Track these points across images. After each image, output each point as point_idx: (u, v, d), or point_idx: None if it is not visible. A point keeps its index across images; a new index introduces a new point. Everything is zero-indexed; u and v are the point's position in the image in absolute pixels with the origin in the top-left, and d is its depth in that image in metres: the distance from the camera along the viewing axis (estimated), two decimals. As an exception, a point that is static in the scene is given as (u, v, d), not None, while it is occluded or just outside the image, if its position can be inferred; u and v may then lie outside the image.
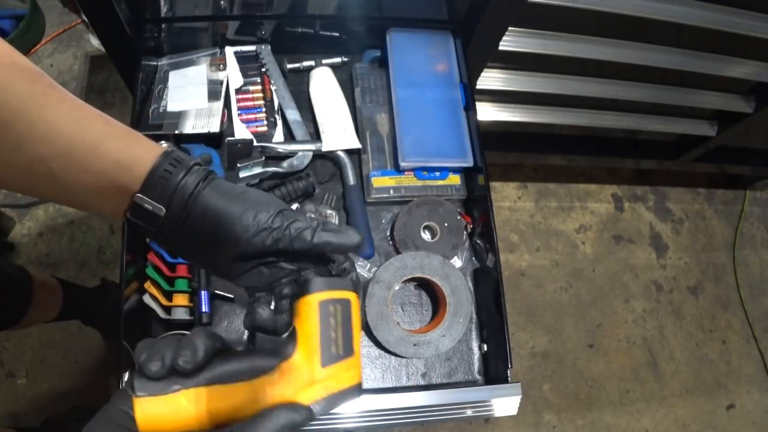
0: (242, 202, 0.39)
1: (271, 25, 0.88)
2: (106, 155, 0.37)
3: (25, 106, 0.34)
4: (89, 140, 0.36)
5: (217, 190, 0.39)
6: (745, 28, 1.00)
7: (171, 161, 0.38)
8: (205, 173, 0.40)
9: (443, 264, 0.78)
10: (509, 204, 1.62)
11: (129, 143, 0.38)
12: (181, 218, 0.39)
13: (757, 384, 1.61)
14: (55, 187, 0.37)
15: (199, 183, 0.39)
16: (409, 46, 0.91)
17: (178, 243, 0.41)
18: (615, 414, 1.48)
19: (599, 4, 0.93)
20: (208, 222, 0.39)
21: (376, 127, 0.88)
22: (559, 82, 1.15)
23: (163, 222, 0.39)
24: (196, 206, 0.39)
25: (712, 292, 1.67)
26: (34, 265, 1.32)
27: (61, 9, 1.52)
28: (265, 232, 0.39)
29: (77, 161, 0.36)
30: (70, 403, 1.21)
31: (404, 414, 0.68)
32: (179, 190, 0.38)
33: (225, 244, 0.39)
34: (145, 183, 0.38)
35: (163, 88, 0.84)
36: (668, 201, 1.74)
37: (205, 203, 0.39)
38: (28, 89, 0.34)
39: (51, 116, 0.35)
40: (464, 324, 0.77)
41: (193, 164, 0.39)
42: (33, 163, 0.35)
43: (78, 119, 0.37)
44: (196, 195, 0.38)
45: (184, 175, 0.38)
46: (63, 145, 0.35)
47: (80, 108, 0.37)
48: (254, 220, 0.39)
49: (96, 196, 0.38)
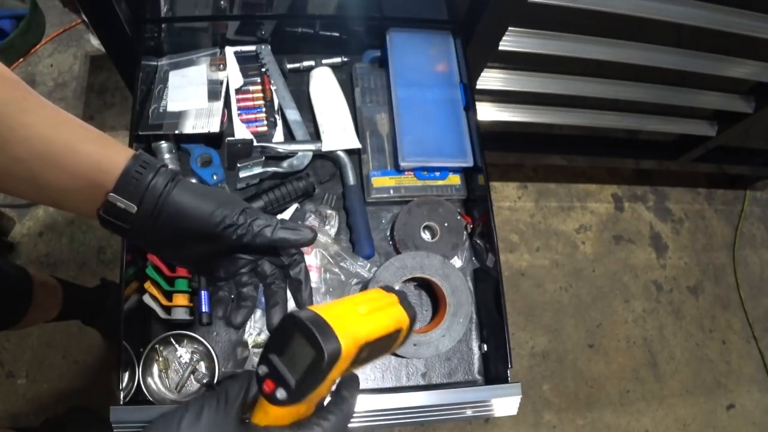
0: (210, 201, 0.43)
1: (271, 25, 0.88)
2: (82, 157, 0.40)
3: (6, 110, 0.37)
4: (67, 143, 0.39)
5: (186, 189, 0.43)
6: (745, 28, 1.00)
7: (141, 163, 0.42)
8: (172, 174, 0.43)
9: (443, 264, 0.78)
10: (509, 204, 1.62)
11: (103, 147, 0.41)
12: (152, 215, 0.42)
13: (757, 384, 1.61)
14: (33, 187, 0.40)
15: (168, 183, 0.42)
16: (409, 46, 0.91)
17: (150, 238, 0.44)
18: (615, 414, 1.48)
19: (599, 4, 0.93)
20: (175, 219, 0.42)
21: (376, 127, 0.88)
22: (559, 82, 1.15)
23: (135, 218, 0.42)
24: (167, 204, 0.42)
25: (712, 292, 1.67)
26: (34, 265, 1.32)
27: (61, 9, 1.52)
28: (231, 228, 0.43)
29: (55, 163, 0.39)
30: (70, 403, 1.21)
31: (404, 414, 0.68)
32: (150, 189, 0.41)
33: (195, 239, 0.44)
34: (118, 183, 0.41)
35: (163, 88, 0.84)
36: (668, 201, 1.74)
37: (177, 202, 0.42)
38: (8, 95, 0.37)
39: (30, 120, 0.38)
40: (464, 324, 0.77)
41: (160, 166, 0.43)
42: (13, 163, 0.38)
43: (56, 123, 0.40)
44: (166, 194, 0.42)
45: (154, 176, 0.42)
46: (42, 148, 0.38)
47: (58, 113, 0.40)
48: (222, 218, 0.43)
49: (72, 195, 0.41)
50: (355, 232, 0.81)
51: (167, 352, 0.74)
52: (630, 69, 1.10)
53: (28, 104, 0.38)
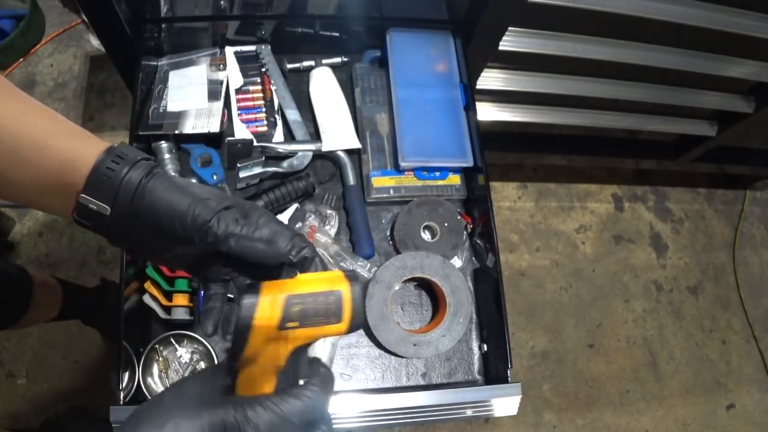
0: (186, 197, 0.38)
1: (271, 25, 0.88)
2: (52, 154, 0.36)
3: None
4: (35, 138, 0.36)
5: (162, 183, 0.38)
6: (745, 28, 1.00)
7: (113, 158, 0.37)
8: (149, 167, 0.38)
9: (443, 264, 0.78)
10: (509, 204, 1.62)
11: (75, 141, 0.37)
12: (128, 215, 0.37)
13: (757, 384, 1.61)
14: (5, 185, 0.37)
15: (143, 178, 0.37)
16: (409, 46, 0.91)
17: (130, 240, 0.40)
18: (615, 414, 1.48)
19: (599, 4, 0.93)
20: (155, 216, 0.38)
21: (376, 127, 0.88)
22: (559, 82, 1.15)
23: (110, 221, 0.37)
24: (142, 201, 0.37)
25: (712, 292, 1.67)
26: (34, 265, 1.32)
27: (61, 9, 1.52)
28: (203, 231, 0.38)
29: (23, 159, 0.36)
30: (70, 403, 1.21)
31: (404, 414, 0.68)
32: (123, 185, 0.37)
33: (172, 240, 0.39)
34: (88, 182, 0.37)
35: (163, 88, 0.84)
36: (668, 201, 1.74)
37: (151, 197, 0.37)
38: None
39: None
40: (464, 324, 0.77)
41: (139, 159, 0.38)
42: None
43: (24, 115, 0.36)
44: (141, 189, 0.37)
45: (128, 171, 0.37)
46: (9, 143, 0.35)
47: (30, 105, 0.37)
48: (194, 217, 0.37)
49: (43, 194, 0.38)
50: (355, 232, 0.81)
51: (167, 352, 0.74)
52: (630, 69, 1.10)
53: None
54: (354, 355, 0.77)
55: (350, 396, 0.69)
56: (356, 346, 0.78)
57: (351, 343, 0.78)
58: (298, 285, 0.39)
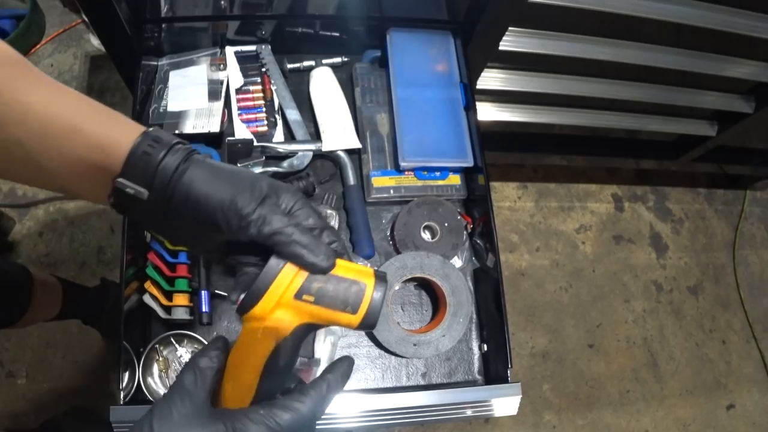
0: (224, 185, 0.37)
1: (271, 25, 0.88)
2: (83, 138, 0.36)
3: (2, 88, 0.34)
4: (66, 122, 0.36)
5: (199, 170, 0.37)
6: (745, 28, 1.00)
7: (150, 141, 0.37)
8: (186, 152, 0.38)
9: (443, 264, 0.78)
10: (509, 204, 1.62)
11: (108, 125, 0.37)
12: (164, 200, 0.37)
13: (757, 384, 1.61)
14: (34, 171, 0.37)
15: (180, 163, 0.37)
16: (409, 46, 0.91)
17: (164, 226, 0.40)
18: (615, 414, 1.48)
19: (599, 4, 0.93)
20: (190, 205, 0.37)
21: (376, 127, 0.88)
22: (559, 82, 1.15)
23: (147, 206, 0.37)
24: (178, 189, 0.37)
25: (712, 292, 1.67)
26: (34, 265, 1.32)
27: (61, 9, 1.52)
28: (244, 224, 0.37)
29: (54, 144, 0.35)
30: (70, 403, 1.21)
31: (404, 414, 0.68)
32: (160, 170, 0.36)
33: (210, 231, 0.38)
34: (126, 166, 0.36)
35: (163, 88, 0.84)
36: (668, 201, 1.74)
37: (188, 187, 0.37)
38: (5, 72, 0.34)
39: (26, 98, 0.35)
40: (464, 324, 0.77)
41: (174, 143, 0.38)
42: (12, 146, 0.35)
43: (56, 100, 0.36)
44: (178, 177, 0.37)
45: (165, 155, 0.36)
46: (39, 128, 0.35)
47: (60, 89, 0.37)
48: (236, 210, 0.37)
49: (76, 179, 0.37)
50: (356, 232, 0.81)
51: (167, 352, 0.74)
52: (630, 69, 1.10)
53: (25, 82, 0.35)
54: (354, 355, 0.77)
55: (350, 396, 0.69)
56: (356, 346, 0.78)
57: (351, 343, 0.78)
58: None
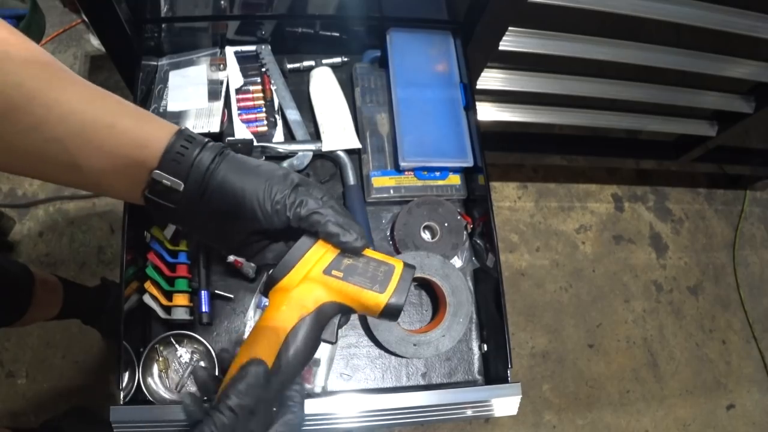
0: (257, 176, 0.40)
1: (271, 25, 0.88)
2: (120, 133, 0.38)
3: (40, 88, 0.35)
4: (104, 119, 0.37)
5: (232, 164, 0.40)
6: (745, 28, 1.00)
7: (185, 138, 0.39)
8: (220, 149, 0.40)
9: (443, 264, 0.78)
10: (509, 204, 1.62)
11: (143, 122, 0.39)
12: (197, 194, 0.39)
13: (757, 384, 1.61)
14: (71, 169, 0.38)
15: (215, 158, 0.39)
16: (409, 46, 0.91)
17: (195, 219, 0.41)
18: (615, 414, 1.48)
19: (599, 4, 0.93)
20: (224, 197, 0.39)
21: (376, 127, 0.88)
22: (559, 82, 1.15)
23: (181, 198, 0.39)
24: (212, 181, 0.39)
25: (712, 292, 1.67)
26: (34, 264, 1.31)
27: (61, 9, 1.52)
28: (280, 207, 0.39)
29: (92, 140, 0.37)
30: (70, 403, 1.21)
31: (404, 414, 0.68)
32: (195, 165, 0.39)
33: (241, 220, 0.40)
34: (162, 160, 0.38)
35: (163, 88, 0.84)
36: (668, 201, 1.74)
37: (222, 178, 0.39)
38: (42, 73, 0.35)
39: (65, 97, 0.36)
40: (464, 324, 0.77)
41: (207, 141, 0.40)
42: (49, 144, 0.36)
43: (92, 99, 0.37)
44: (213, 170, 0.39)
45: (200, 152, 0.39)
46: (78, 125, 0.36)
47: (94, 89, 0.38)
48: (270, 196, 0.39)
49: (111, 176, 0.39)
50: (355, 232, 0.81)
51: (167, 352, 0.74)
52: (630, 69, 1.10)
53: (62, 82, 0.36)
54: (354, 355, 0.77)
55: (350, 396, 0.69)
56: (356, 346, 0.78)
57: (351, 344, 0.78)
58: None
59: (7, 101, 0.34)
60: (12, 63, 0.34)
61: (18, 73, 0.34)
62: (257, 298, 0.76)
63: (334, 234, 0.40)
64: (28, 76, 0.34)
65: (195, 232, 0.45)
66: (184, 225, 0.43)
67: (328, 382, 0.74)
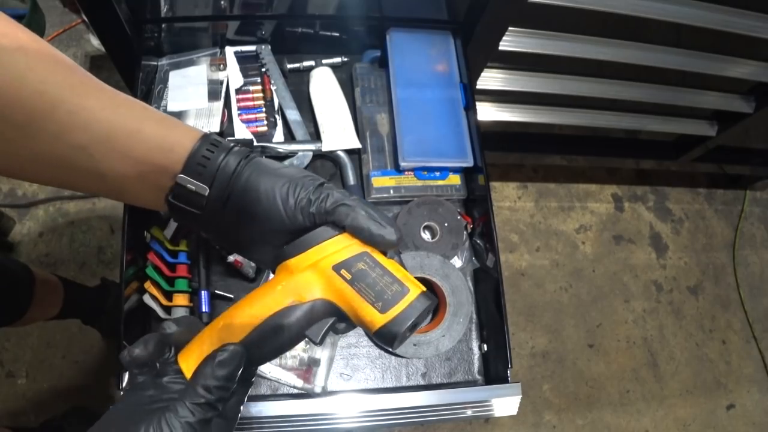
0: (281, 176, 0.39)
1: (271, 25, 0.88)
2: (146, 139, 0.37)
3: (64, 95, 0.35)
4: (129, 124, 0.37)
5: (257, 167, 0.39)
6: (745, 28, 1.00)
7: (211, 143, 0.39)
8: (246, 152, 0.40)
9: (443, 264, 0.78)
10: (509, 204, 1.62)
11: (168, 127, 0.39)
12: (222, 198, 0.38)
13: (757, 384, 1.61)
14: (96, 177, 0.37)
15: (241, 161, 0.39)
16: (409, 46, 0.91)
17: (220, 224, 0.40)
18: (615, 414, 1.48)
19: (599, 4, 0.93)
20: (248, 198, 0.38)
21: (376, 127, 0.88)
22: (559, 82, 1.15)
23: (206, 203, 0.38)
24: (237, 184, 0.38)
25: (712, 292, 1.67)
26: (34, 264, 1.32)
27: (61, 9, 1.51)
28: (304, 204, 0.38)
29: (118, 146, 0.37)
30: (70, 403, 1.21)
31: (404, 414, 0.68)
32: (221, 170, 0.38)
33: (266, 221, 0.39)
34: (186, 164, 0.38)
35: (163, 88, 0.84)
36: (668, 201, 1.74)
37: (246, 180, 0.38)
38: (65, 79, 0.35)
39: (90, 104, 0.36)
40: (464, 324, 0.77)
41: (232, 146, 0.40)
42: (74, 151, 0.36)
43: (117, 105, 0.37)
44: (238, 173, 0.38)
45: (225, 156, 0.38)
46: (103, 131, 0.36)
47: (118, 95, 0.38)
48: (294, 194, 0.38)
49: (136, 182, 0.38)
50: (355, 232, 0.81)
51: (167, 352, 0.73)
52: (630, 69, 1.10)
53: (86, 88, 0.36)
54: (354, 355, 0.77)
55: (350, 396, 0.69)
56: (356, 346, 0.78)
57: (351, 343, 0.78)
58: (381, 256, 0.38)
59: (32, 108, 0.33)
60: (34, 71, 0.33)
61: (42, 81, 0.34)
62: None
63: (364, 228, 0.37)
64: (51, 82, 0.34)
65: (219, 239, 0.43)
66: (208, 231, 0.42)
67: (328, 382, 0.74)
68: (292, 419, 0.65)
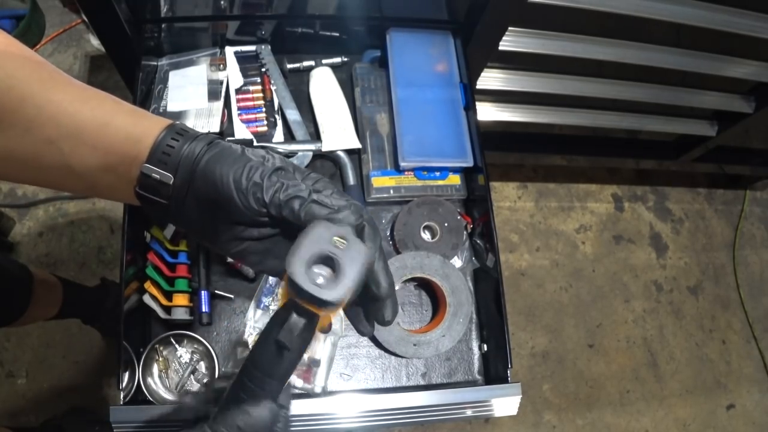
0: (238, 160, 0.37)
1: (271, 25, 0.88)
2: (115, 131, 0.37)
3: (32, 89, 0.35)
4: (99, 117, 0.37)
5: (221, 151, 0.38)
6: (745, 28, 1.00)
7: (177, 132, 0.38)
8: (209, 139, 0.38)
9: (443, 264, 0.78)
10: (509, 204, 1.62)
11: (136, 118, 0.38)
12: (187, 185, 0.37)
13: (757, 384, 1.61)
14: (66, 171, 0.37)
15: (203, 148, 0.38)
16: (409, 46, 0.91)
17: (185, 214, 0.39)
18: (615, 414, 1.48)
19: (599, 4, 0.93)
20: (207, 184, 0.37)
21: (376, 127, 0.88)
22: (559, 82, 1.15)
23: (172, 192, 0.37)
24: (198, 171, 0.37)
25: (712, 292, 1.67)
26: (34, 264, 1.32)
27: (61, 9, 1.52)
28: (256, 189, 0.36)
29: (87, 139, 0.36)
30: (70, 403, 1.21)
31: (404, 414, 0.68)
32: (185, 157, 0.37)
33: (222, 207, 0.37)
34: (152, 153, 0.37)
35: (163, 88, 0.84)
36: (668, 201, 1.74)
37: (204, 165, 0.37)
38: (33, 74, 0.35)
39: (58, 98, 0.35)
40: (464, 324, 0.77)
41: (199, 134, 0.39)
42: (42, 146, 0.36)
43: (86, 99, 0.37)
44: (199, 159, 0.37)
45: (190, 143, 0.37)
46: (72, 125, 0.36)
47: (88, 89, 0.38)
48: (247, 177, 0.36)
49: (106, 175, 0.38)
50: (355, 232, 0.81)
51: (167, 352, 0.74)
52: (630, 69, 1.10)
53: (55, 82, 0.36)
54: (354, 355, 0.77)
55: (350, 396, 0.69)
56: (356, 346, 0.78)
57: (351, 343, 0.78)
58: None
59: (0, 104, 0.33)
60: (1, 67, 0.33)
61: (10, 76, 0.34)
62: (257, 298, 0.76)
63: (317, 215, 0.35)
64: (18, 77, 0.34)
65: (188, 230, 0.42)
66: (177, 222, 0.40)
67: (328, 382, 0.74)
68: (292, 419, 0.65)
